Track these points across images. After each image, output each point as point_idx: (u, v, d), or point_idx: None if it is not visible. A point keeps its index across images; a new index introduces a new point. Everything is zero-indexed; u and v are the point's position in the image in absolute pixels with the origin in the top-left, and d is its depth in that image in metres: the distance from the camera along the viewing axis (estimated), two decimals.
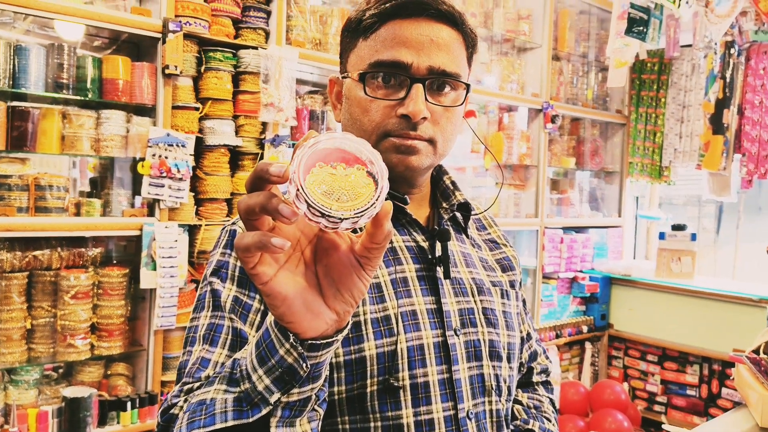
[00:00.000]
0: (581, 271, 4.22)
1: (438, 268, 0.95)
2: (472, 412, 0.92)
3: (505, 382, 0.99)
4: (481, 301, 0.99)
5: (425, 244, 0.97)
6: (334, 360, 0.87)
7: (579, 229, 4.34)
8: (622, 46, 3.28)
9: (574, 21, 4.19)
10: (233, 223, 0.95)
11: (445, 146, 0.95)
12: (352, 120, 0.94)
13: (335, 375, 0.87)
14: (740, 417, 1.56)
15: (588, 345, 4.21)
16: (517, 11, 3.84)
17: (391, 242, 0.95)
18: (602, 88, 4.44)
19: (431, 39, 0.89)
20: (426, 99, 0.89)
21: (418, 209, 1.02)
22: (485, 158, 3.67)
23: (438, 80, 0.91)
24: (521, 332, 1.15)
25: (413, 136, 0.90)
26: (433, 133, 0.92)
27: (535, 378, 1.19)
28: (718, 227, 4.62)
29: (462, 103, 0.95)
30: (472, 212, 1.07)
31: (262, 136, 2.68)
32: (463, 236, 1.06)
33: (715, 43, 3.35)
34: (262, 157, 2.66)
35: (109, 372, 2.49)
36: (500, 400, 0.97)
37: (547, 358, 1.23)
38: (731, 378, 3.53)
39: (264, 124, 2.68)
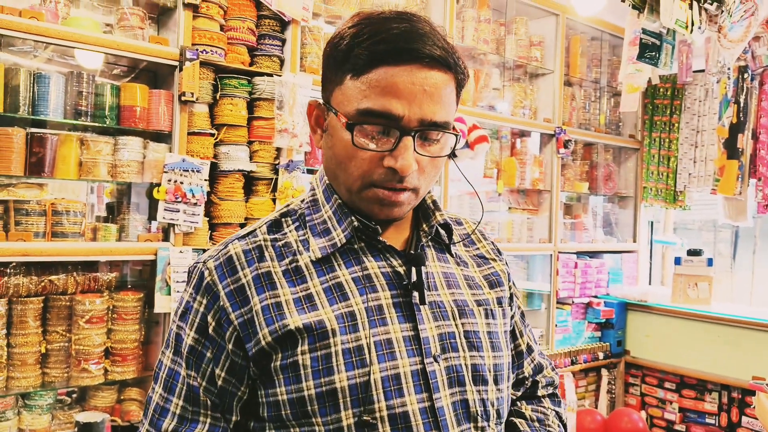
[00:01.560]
0: (596, 297, 4.18)
1: (414, 294, 0.93)
2: None
3: (493, 406, 0.96)
4: (462, 324, 0.96)
5: (401, 269, 0.94)
6: (305, 393, 0.86)
7: (593, 254, 4.31)
8: (635, 72, 3.29)
9: (585, 47, 4.21)
10: (204, 262, 0.94)
11: (427, 189, 0.95)
12: (336, 160, 0.92)
13: (308, 408, 0.86)
14: None
15: (604, 372, 4.15)
16: (529, 38, 3.87)
17: (366, 269, 0.93)
18: (615, 113, 4.45)
19: (424, 89, 0.86)
20: (414, 150, 0.88)
21: (398, 233, 0.99)
22: (498, 183, 3.67)
23: (428, 131, 0.89)
24: (518, 347, 1.12)
25: (399, 188, 0.89)
26: (418, 183, 0.91)
27: (541, 391, 1.15)
28: (734, 252, 4.57)
29: (449, 152, 0.93)
30: (456, 229, 1.05)
31: (276, 162, 2.70)
32: (447, 255, 1.03)
33: (729, 68, 3.35)
34: (276, 183, 2.68)
35: (122, 397, 2.49)
36: (489, 425, 0.94)
37: (553, 370, 1.19)
38: (752, 406, 3.46)
39: (278, 149, 2.70)
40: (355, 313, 0.89)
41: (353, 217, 0.94)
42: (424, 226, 1.01)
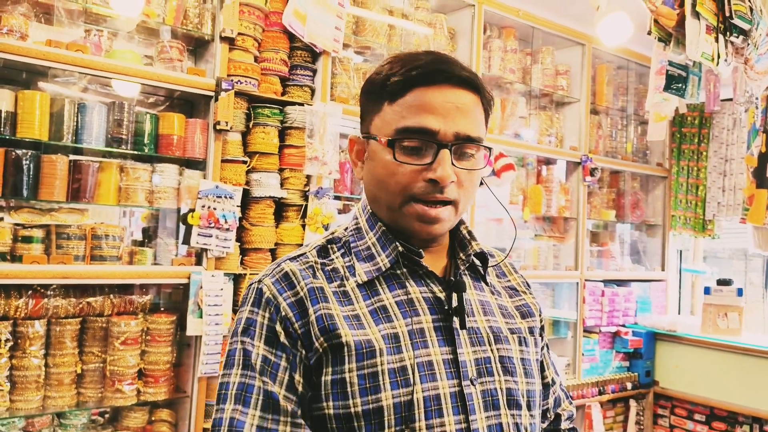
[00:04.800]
0: (624, 326, 4.14)
1: (454, 319, 0.97)
2: None
3: (526, 431, 0.99)
4: (498, 349, 1.00)
5: (442, 295, 0.99)
6: (353, 410, 0.89)
7: (621, 283, 4.27)
8: (661, 101, 3.30)
9: (612, 76, 4.24)
10: (260, 281, 0.98)
11: (465, 206, 1.00)
12: (377, 181, 0.99)
13: (355, 424, 0.89)
14: None
15: (632, 402, 4.09)
16: (555, 67, 3.92)
17: (408, 293, 0.98)
18: (642, 141, 4.45)
19: (456, 106, 0.94)
20: (452, 163, 0.94)
21: (436, 261, 1.04)
22: (523, 210, 3.69)
23: (463, 145, 0.95)
24: (545, 379, 1.14)
25: (440, 199, 0.94)
26: (457, 196, 0.96)
27: (564, 425, 1.18)
28: (766, 281, 4.50)
29: (484, 166, 0.99)
30: (490, 260, 1.09)
31: (307, 189, 2.76)
32: (482, 284, 1.08)
33: (756, 98, 3.34)
34: (306, 209, 2.74)
35: (153, 418, 2.53)
36: None
37: (570, 403, 1.22)
38: None
39: (308, 176, 2.76)
40: (399, 335, 0.93)
41: (397, 243, 0.99)
42: (461, 254, 1.05)
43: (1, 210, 2.33)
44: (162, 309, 2.60)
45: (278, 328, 0.93)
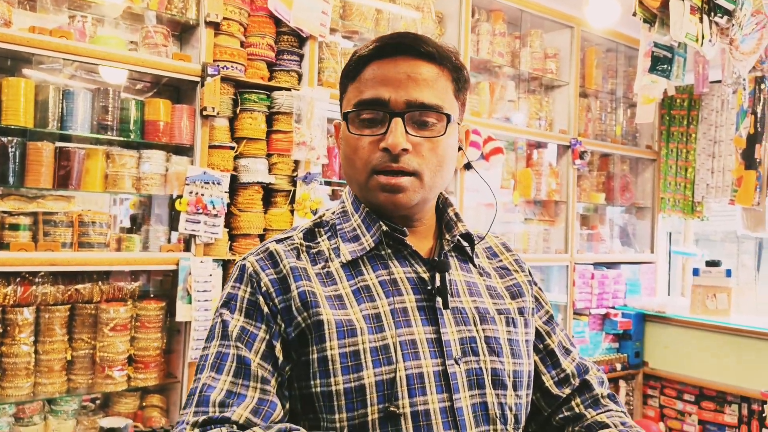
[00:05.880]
0: (613, 308, 4.17)
1: (438, 299, 0.97)
2: None
3: (511, 411, 0.99)
4: (483, 329, 1.00)
5: (426, 275, 0.99)
6: (334, 387, 0.90)
7: (610, 265, 4.30)
8: (650, 83, 3.31)
9: (601, 59, 4.23)
10: (244, 258, 1.00)
11: (434, 178, 0.98)
12: (346, 159, 1.01)
13: (335, 402, 0.90)
14: None
15: (622, 383, 4.13)
16: (544, 50, 3.91)
17: (392, 273, 0.99)
18: (631, 123, 4.46)
19: (409, 75, 0.95)
20: (407, 132, 0.95)
21: (422, 241, 1.05)
22: (513, 194, 3.70)
23: (418, 113, 0.95)
24: (548, 346, 1.11)
25: (396, 169, 0.95)
26: (417, 166, 0.95)
27: (599, 390, 1.12)
28: (758, 264, 4.53)
29: (444, 133, 0.98)
30: (476, 242, 1.09)
31: (295, 174, 2.77)
32: (470, 265, 1.08)
33: (744, 79, 3.35)
34: (294, 194, 2.75)
35: (144, 403, 2.55)
36: (506, 428, 0.98)
37: (598, 370, 1.17)
38: (764, 415, 3.44)
39: (296, 162, 2.77)
40: (381, 315, 0.94)
41: (381, 222, 1.00)
42: (447, 236, 1.06)
43: None
44: (151, 295, 2.61)
45: (258, 301, 0.94)
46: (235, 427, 0.85)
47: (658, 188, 4.51)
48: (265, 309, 0.94)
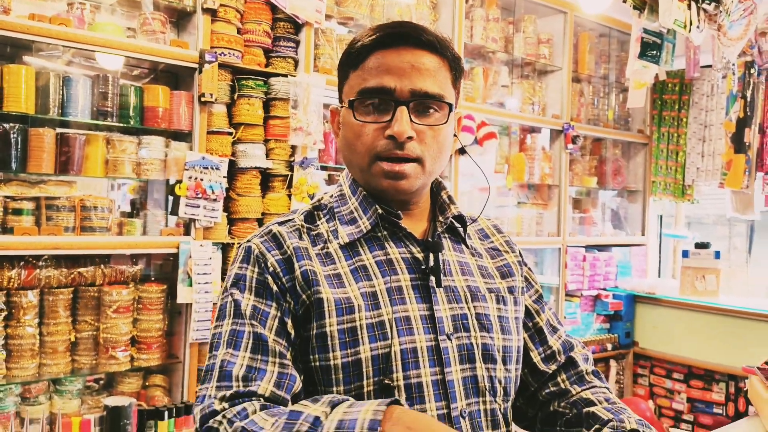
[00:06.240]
0: (605, 289, 4.25)
1: (431, 278, 1.02)
2: (465, 411, 0.99)
3: (500, 383, 1.04)
4: (475, 307, 1.05)
5: (420, 256, 1.04)
6: (332, 362, 0.95)
7: (602, 248, 4.38)
8: (641, 68, 3.36)
9: (594, 44, 4.27)
10: (249, 240, 1.04)
11: (434, 164, 1.04)
12: (348, 144, 1.05)
13: (333, 376, 0.95)
14: (750, 426, 1.61)
15: (613, 363, 4.23)
16: (537, 35, 3.95)
17: (388, 254, 1.03)
18: (623, 108, 4.51)
19: (412, 65, 0.99)
20: (411, 120, 0.99)
21: (416, 223, 1.10)
22: (507, 178, 3.76)
23: (421, 102, 1.00)
24: (537, 324, 1.17)
25: (401, 156, 0.99)
26: (420, 152, 1.00)
27: (583, 366, 1.16)
28: (749, 246, 4.60)
29: (446, 122, 1.03)
30: (468, 223, 1.14)
31: (292, 159, 2.81)
32: (462, 246, 1.13)
33: (733, 64, 3.40)
34: (291, 179, 2.80)
35: (147, 383, 2.62)
36: (495, 400, 1.03)
37: (584, 347, 1.22)
38: (745, 389, 3.53)
39: (293, 147, 2.81)
40: (377, 293, 0.99)
41: (377, 206, 1.04)
42: (440, 218, 1.11)
43: None
44: (152, 279, 2.66)
45: (267, 280, 0.98)
46: (262, 400, 0.89)
47: (649, 172, 4.57)
48: (274, 288, 0.98)
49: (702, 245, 4.06)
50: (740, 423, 1.68)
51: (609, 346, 4.14)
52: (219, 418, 0.86)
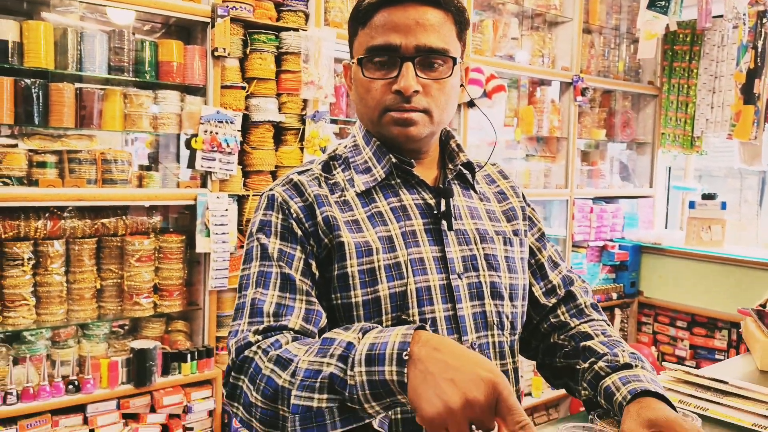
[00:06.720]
0: (611, 240, 4.33)
1: (443, 222, 1.09)
2: (475, 344, 1.08)
3: (507, 318, 1.13)
4: (483, 248, 1.12)
5: (432, 201, 1.11)
6: (353, 300, 1.03)
7: (609, 200, 4.43)
8: (652, 18, 3.35)
9: None
10: (271, 189, 1.09)
11: (441, 114, 1.09)
12: (359, 98, 1.11)
13: (354, 313, 1.04)
14: (743, 362, 1.70)
15: (617, 311, 4.33)
16: None
17: (402, 200, 1.10)
18: (634, 60, 4.49)
19: (417, 21, 1.03)
20: (417, 75, 1.03)
21: (428, 171, 1.15)
22: (515, 131, 3.80)
23: (426, 57, 1.05)
24: (539, 261, 1.24)
25: (408, 108, 1.05)
26: (427, 104, 1.05)
27: (582, 299, 1.23)
28: (760, 199, 4.63)
29: (451, 74, 1.07)
30: (476, 170, 1.21)
31: (303, 113, 2.87)
32: (471, 192, 1.19)
33: (744, 14, 3.38)
34: (303, 132, 2.86)
35: (169, 328, 2.75)
36: (503, 334, 1.12)
37: (583, 281, 1.29)
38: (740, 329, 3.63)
39: (305, 101, 2.86)
40: (393, 237, 1.07)
41: (391, 155, 1.11)
42: (450, 165, 1.17)
43: (14, 137, 2.45)
44: (171, 229, 2.77)
45: (291, 225, 1.05)
46: (292, 333, 0.97)
47: (658, 124, 4.58)
48: (299, 232, 1.05)
49: (708, 196, 4.11)
50: (735, 359, 1.77)
51: (614, 296, 4.24)
52: (254, 348, 0.94)
